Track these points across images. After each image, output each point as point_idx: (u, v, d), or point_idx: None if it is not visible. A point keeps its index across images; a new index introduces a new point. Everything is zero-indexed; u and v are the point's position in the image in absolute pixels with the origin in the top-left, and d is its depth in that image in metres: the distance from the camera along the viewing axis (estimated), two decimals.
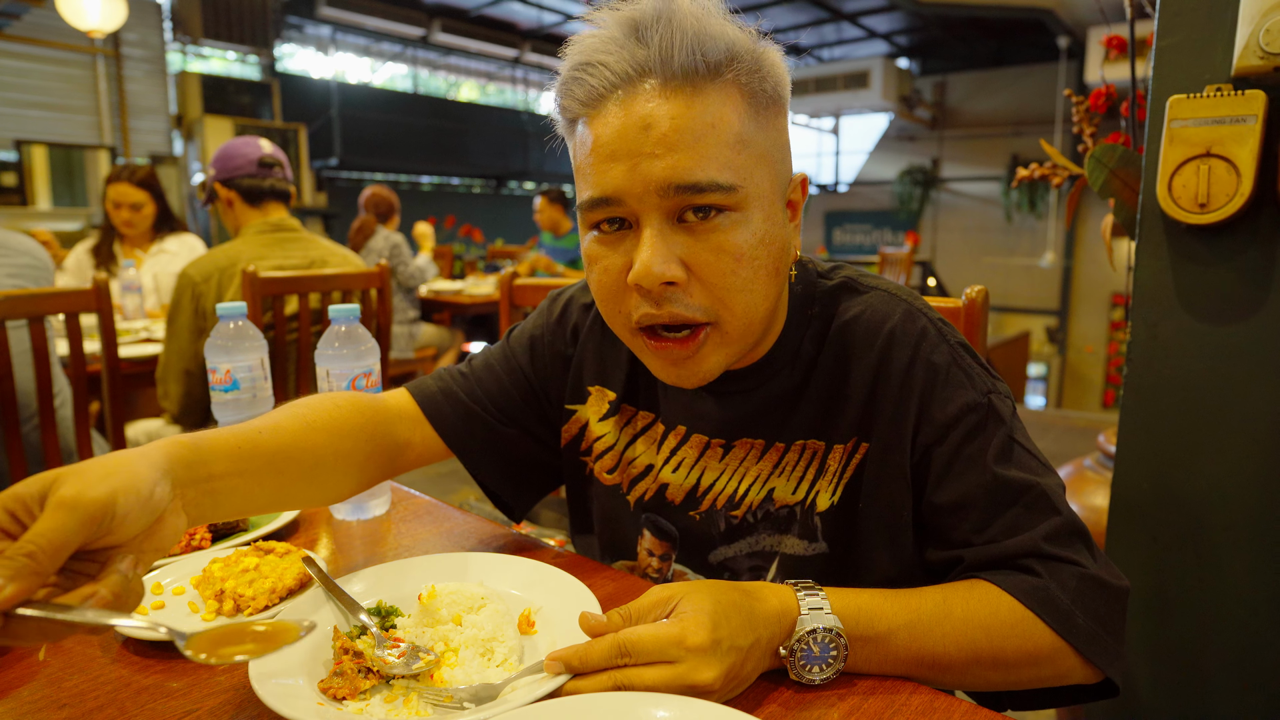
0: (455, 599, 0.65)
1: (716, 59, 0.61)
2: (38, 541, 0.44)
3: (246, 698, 0.59)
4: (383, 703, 0.57)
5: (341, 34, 8.52)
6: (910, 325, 0.72)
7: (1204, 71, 1.13)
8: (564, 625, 0.66)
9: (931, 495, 0.70)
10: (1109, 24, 1.55)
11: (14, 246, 1.71)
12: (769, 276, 0.66)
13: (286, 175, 2.08)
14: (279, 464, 0.66)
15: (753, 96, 0.64)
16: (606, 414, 0.86)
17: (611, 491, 0.86)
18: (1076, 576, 0.64)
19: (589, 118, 0.64)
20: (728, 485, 0.78)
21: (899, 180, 10.77)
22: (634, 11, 0.62)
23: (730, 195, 0.62)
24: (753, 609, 0.59)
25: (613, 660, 0.55)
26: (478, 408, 0.87)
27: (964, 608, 0.63)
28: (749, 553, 0.78)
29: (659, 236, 0.62)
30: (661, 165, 0.61)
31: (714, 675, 0.54)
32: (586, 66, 0.63)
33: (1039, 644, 0.63)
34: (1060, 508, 0.67)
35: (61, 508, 0.45)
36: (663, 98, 0.61)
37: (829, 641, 0.59)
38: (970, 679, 0.64)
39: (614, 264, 0.66)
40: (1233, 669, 1.19)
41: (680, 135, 0.61)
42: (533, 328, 0.92)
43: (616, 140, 0.62)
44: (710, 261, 0.63)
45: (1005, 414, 0.70)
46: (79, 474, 0.48)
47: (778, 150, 0.68)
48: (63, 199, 5.47)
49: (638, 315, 0.66)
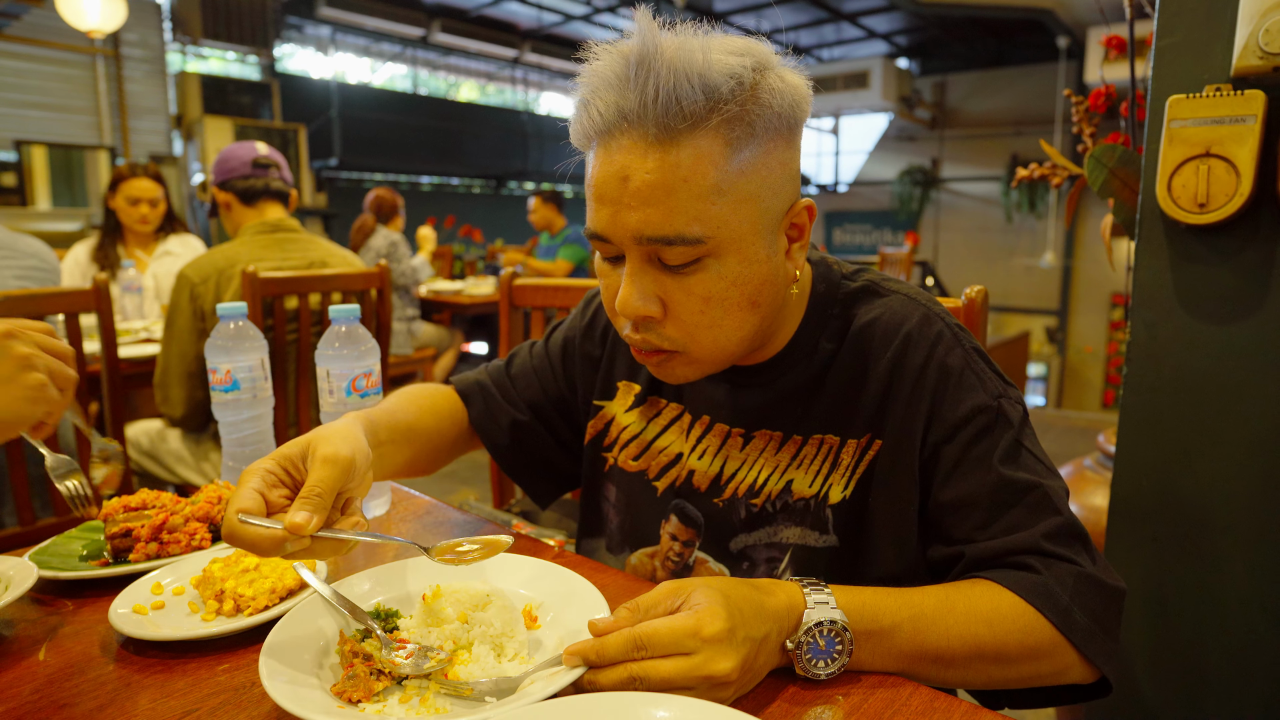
0: (460, 597, 0.65)
1: (695, 109, 0.62)
2: (319, 487, 0.60)
3: (247, 698, 0.59)
4: (399, 703, 0.58)
5: (341, 34, 8.52)
6: (927, 328, 0.75)
7: (1203, 71, 1.13)
8: (568, 619, 0.66)
9: (937, 493, 0.72)
10: (1109, 24, 1.55)
11: (22, 249, 1.71)
12: (741, 311, 0.70)
13: (284, 176, 2.07)
14: (410, 437, 0.86)
15: (737, 140, 0.64)
16: (632, 405, 0.91)
17: (635, 478, 0.89)
18: (1075, 575, 0.66)
19: (591, 150, 0.69)
20: (749, 475, 0.81)
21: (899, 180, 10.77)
22: (627, 48, 0.64)
23: (698, 247, 0.66)
24: (762, 602, 0.60)
25: (628, 654, 0.56)
26: (510, 406, 0.97)
27: (966, 603, 0.64)
28: (767, 543, 0.80)
29: (637, 275, 0.68)
30: (635, 217, 0.65)
31: (731, 665, 0.55)
32: (586, 104, 0.67)
33: (1039, 639, 0.64)
34: (1061, 509, 0.69)
35: (328, 463, 0.61)
36: (640, 149, 0.64)
37: (834, 635, 0.59)
38: (972, 675, 0.65)
39: (612, 284, 0.72)
40: (1233, 669, 1.19)
41: (652, 190, 0.64)
42: (567, 329, 1.00)
43: (602, 185, 0.67)
44: (682, 301, 0.69)
45: (1014, 419, 0.72)
46: (329, 439, 0.63)
47: (769, 185, 0.68)
48: (62, 199, 5.46)
49: (624, 333, 0.74)
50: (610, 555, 0.94)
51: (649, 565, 0.88)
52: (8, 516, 1.64)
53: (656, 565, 0.87)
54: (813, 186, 11.82)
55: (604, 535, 0.95)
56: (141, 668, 0.64)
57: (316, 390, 1.01)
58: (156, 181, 2.84)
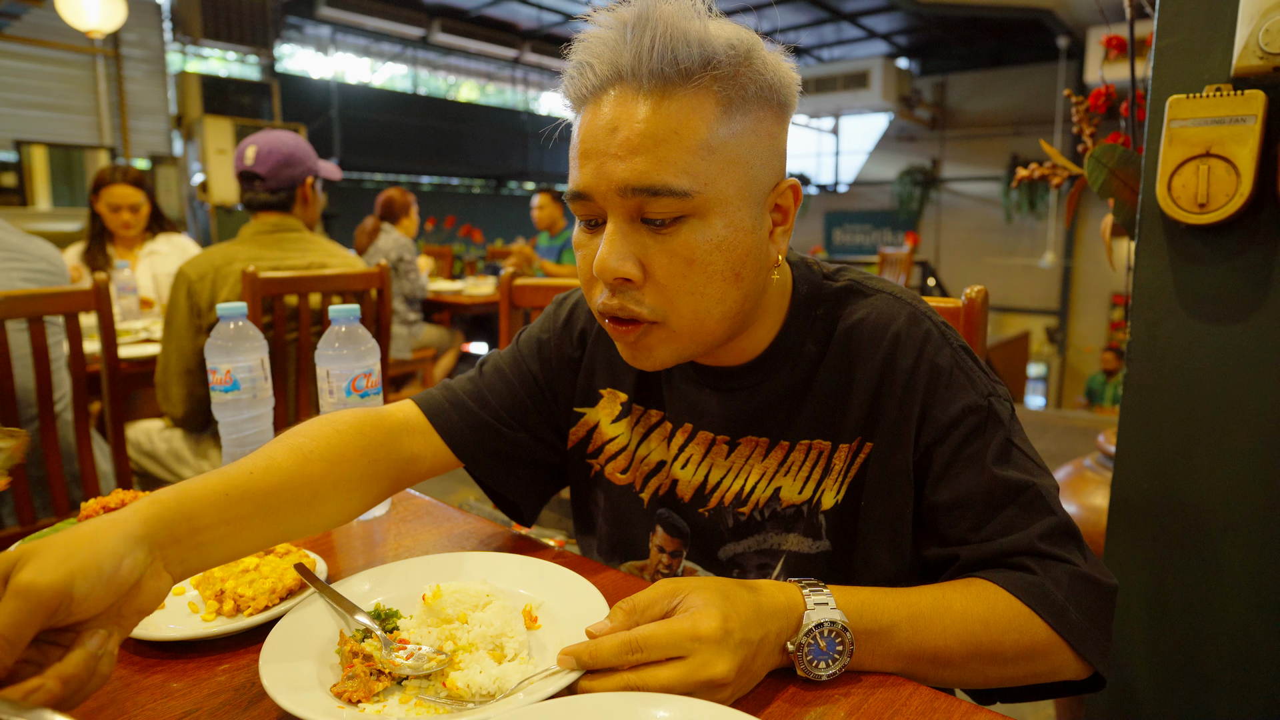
0: (460, 598, 0.65)
1: (689, 63, 0.62)
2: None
3: (248, 698, 0.59)
4: (399, 703, 0.58)
5: (341, 34, 8.52)
6: (915, 328, 0.74)
7: (1204, 71, 1.13)
8: (567, 620, 0.66)
9: (930, 494, 0.72)
10: (1109, 24, 1.55)
11: (31, 252, 1.72)
12: (724, 281, 0.67)
13: (270, 185, 1.95)
14: (272, 504, 0.65)
15: (730, 101, 0.64)
16: (619, 416, 0.87)
17: (624, 491, 0.87)
18: (1069, 574, 0.66)
19: (579, 114, 0.68)
20: (734, 483, 0.79)
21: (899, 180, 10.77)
22: (625, 12, 0.63)
23: (686, 201, 0.64)
24: (759, 604, 0.59)
25: (623, 657, 0.55)
26: (486, 414, 0.87)
27: (962, 603, 0.65)
28: (757, 550, 0.79)
29: (619, 234, 0.66)
30: (622, 167, 0.63)
31: (727, 668, 0.54)
32: (580, 66, 0.66)
33: (1035, 639, 0.64)
34: (1055, 508, 0.69)
35: (16, 596, 0.45)
36: (632, 101, 0.63)
37: (835, 636, 0.59)
38: (969, 674, 0.65)
39: (590, 253, 0.69)
40: (1233, 669, 1.19)
41: (642, 139, 0.63)
42: (539, 331, 0.93)
43: (589, 140, 0.65)
44: (664, 264, 0.66)
45: (1004, 416, 0.72)
46: (38, 555, 0.47)
47: (758, 154, 0.67)
48: (62, 199, 5.46)
49: (599, 302, 0.69)
50: (602, 558, 0.93)
51: (640, 579, 0.87)
52: (8, 517, 1.64)
53: (647, 580, 0.86)
54: (813, 186, 11.82)
55: (595, 536, 0.93)
56: (141, 668, 0.64)
57: (316, 390, 1.00)
58: (137, 187, 2.81)
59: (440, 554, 0.79)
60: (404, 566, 0.75)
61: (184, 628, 0.68)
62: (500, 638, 0.62)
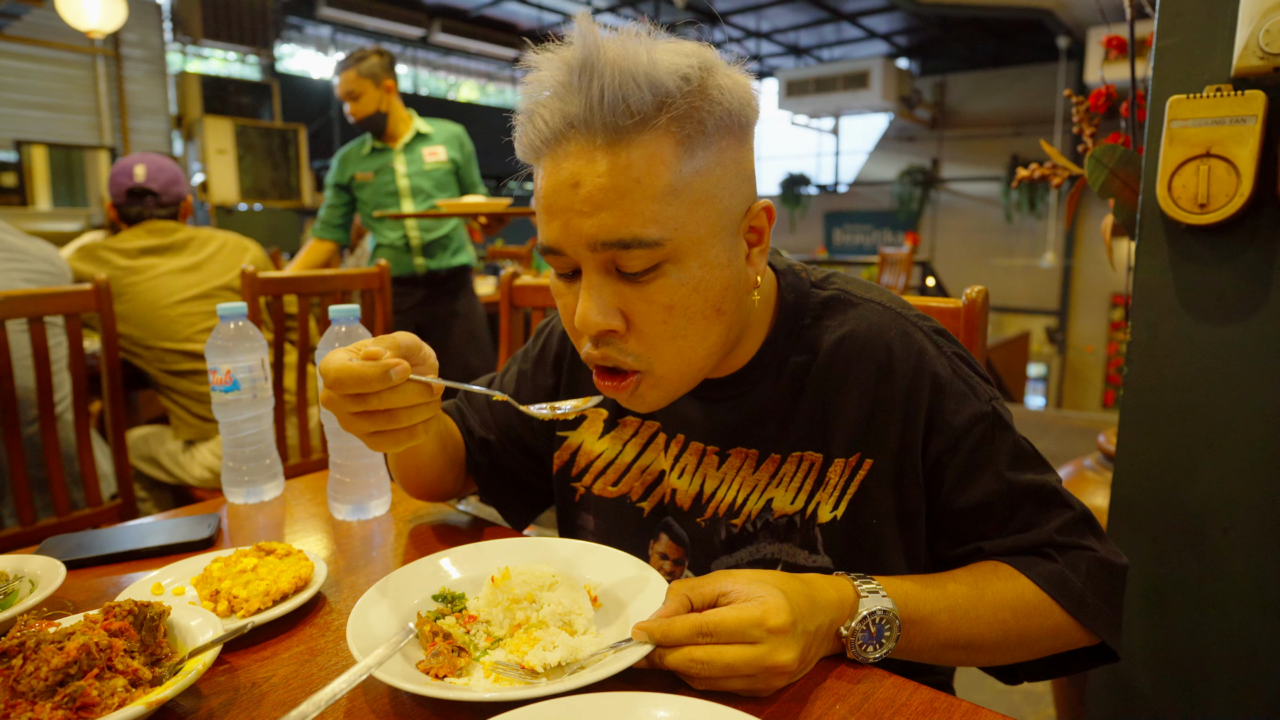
0: (527, 579, 0.69)
1: (642, 107, 0.60)
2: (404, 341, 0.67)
3: (247, 698, 0.60)
4: (483, 676, 0.61)
5: (341, 34, 8.51)
6: (909, 341, 0.74)
7: (1204, 72, 1.13)
8: (626, 599, 0.69)
9: (947, 502, 0.74)
10: (1109, 24, 1.55)
11: (33, 253, 1.72)
12: (705, 320, 0.67)
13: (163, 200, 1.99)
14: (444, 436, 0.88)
15: (689, 139, 0.62)
16: (604, 431, 0.88)
17: (616, 504, 0.87)
18: (1087, 560, 0.72)
19: (537, 165, 0.66)
20: (728, 494, 0.80)
21: (899, 180, 10.77)
22: (568, 55, 0.61)
23: (657, 250, 0.63)
24: (814, 597, 0.62)
25: (693, 638, 0.58)
26: (482, 426, 0.95)
27: (993, 592, 0.69)
28: (750, 561, 0.79)
29: (596, 287, 0.65)
30: (590, 223, 0.62)
31: (792, 656, 0.57)
32: (530, 114, 0.65)
33: (1057, 623, 0.70)
34: (1070, 502, 0.74)
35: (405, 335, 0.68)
36: (589, 154, 0.62)
37: (885, 623, 0.64)
38: (999, 657, 0.72)
39: (569, 303, 0.69)
40: (1233, 668, 1.19)
41: (605, 194, 0.61)
42: (520, 362, 0.97)
43: (552, 195, 0.64)
44: (644, 311, 0.66)
45: (1007, 418, 0.75)
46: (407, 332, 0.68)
47: (725, 186, 0.65)
48: (62, 199, 5.46)
49: (584, 352, 0.70)
50: None
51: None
52: (8, 517, 1.64)
53: None
54: (813, 187, 11.82)
55: None
56: None
57: (317, 390, 1.00)
58: None
59: (511, 539, 0.81)
60: (478, 549, 0.78)
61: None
62: (570, 615, 0.66)
